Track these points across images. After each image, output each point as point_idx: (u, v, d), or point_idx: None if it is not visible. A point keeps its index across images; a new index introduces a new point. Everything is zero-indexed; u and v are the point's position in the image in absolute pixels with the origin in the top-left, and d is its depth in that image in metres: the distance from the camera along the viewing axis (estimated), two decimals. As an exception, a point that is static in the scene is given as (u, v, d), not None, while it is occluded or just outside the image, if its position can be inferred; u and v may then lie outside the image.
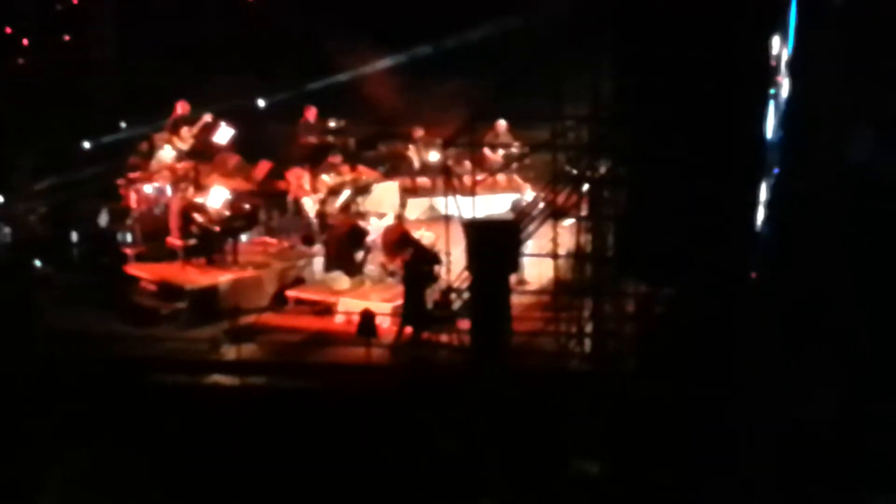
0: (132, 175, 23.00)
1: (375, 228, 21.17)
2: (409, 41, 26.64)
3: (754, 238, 15.93)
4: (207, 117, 23.76)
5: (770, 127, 15.93)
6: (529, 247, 18.13)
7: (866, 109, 18.45)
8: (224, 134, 23.88)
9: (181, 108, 23.84)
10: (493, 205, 21.64)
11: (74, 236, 22.89)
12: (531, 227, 17.31)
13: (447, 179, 18.54)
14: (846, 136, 18.35)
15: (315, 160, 23.80)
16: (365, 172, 23.84)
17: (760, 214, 16.01)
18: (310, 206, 22.73)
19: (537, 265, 19.02)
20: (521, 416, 15.91)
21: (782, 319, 15.83)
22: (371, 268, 20.95)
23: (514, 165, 23.57)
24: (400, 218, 21.39)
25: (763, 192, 16.05)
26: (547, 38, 21.56)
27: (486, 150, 24.07)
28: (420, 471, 16.44)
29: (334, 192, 22.85)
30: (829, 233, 16.71)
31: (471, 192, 18.03)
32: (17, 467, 16.77)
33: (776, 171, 16.57)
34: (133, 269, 21.35)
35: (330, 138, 24.95)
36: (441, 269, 18.65)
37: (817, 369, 15.99)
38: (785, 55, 16.36)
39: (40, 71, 26.95)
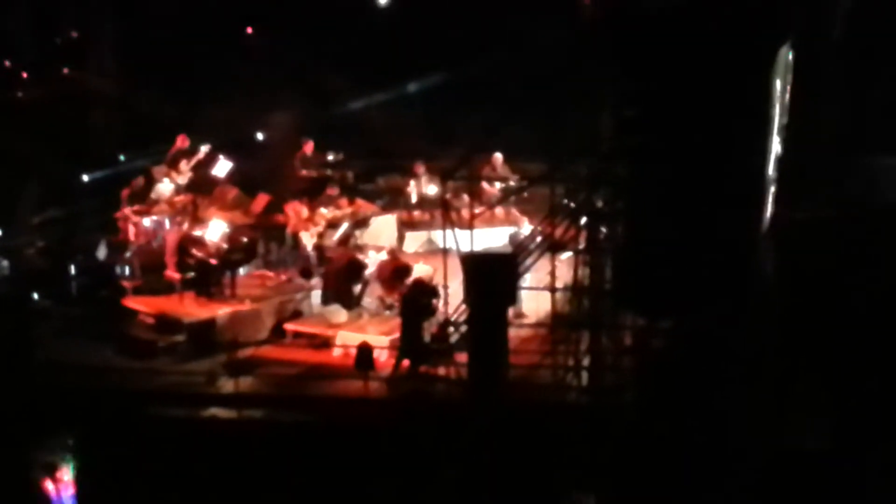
0: (128, 208, 23.02)
1: (373, 262, 21.17)
2: (407, 75, 26.79)
3: (753, 271, 15.92)
4: (205, 150, 23.82)
5: (769, 159, 15.95)
6: (527, 280, 18.16)
7: (865, 139, 18.58)
8: (222, 167, 23.96)
9: (181, 141, 23.90)
10: (491, 238, 21.69)
11: (73, 269, 22.87)
12: (529, 261, 17.31)
13: (445, 213, 18.55)
14: (845, 165, 18.45)
15: (313, 193, 23.85)
16: (363, 206, 23.90)
17: (760, 247, 16.03)
18: (308, 239, 22.74)
19: (535, 298, 19.00)
20: (519, 449, 15.90)
21: (779, 349, 15.84)
22: (369, 301, 20.96)
23: (512, 199, 23.60)
24: (393, 252, 21.42)
25: (762, 225, 16.07)
26: (545, 72, 21.67)
27: (484, 184, 24.12)
28: (418, 504, 16.48)
29: (332, 225, 22.90)
30: (827, 264, 16.77)
31: (469, 225, 18.04)
32: (13, 498, 16.77)
33: (775, 203, 16.59)
34: (131, 302, 21.36)
35: (328, 171, 25.00)
36: (439, 303, 18.65)
37: (812, 400, 16.04)
38: (784, 86, 16.41)
39: (40, 104, 26.94)
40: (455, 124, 25.34)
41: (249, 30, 28.34)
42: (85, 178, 25.74)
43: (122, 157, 26.51)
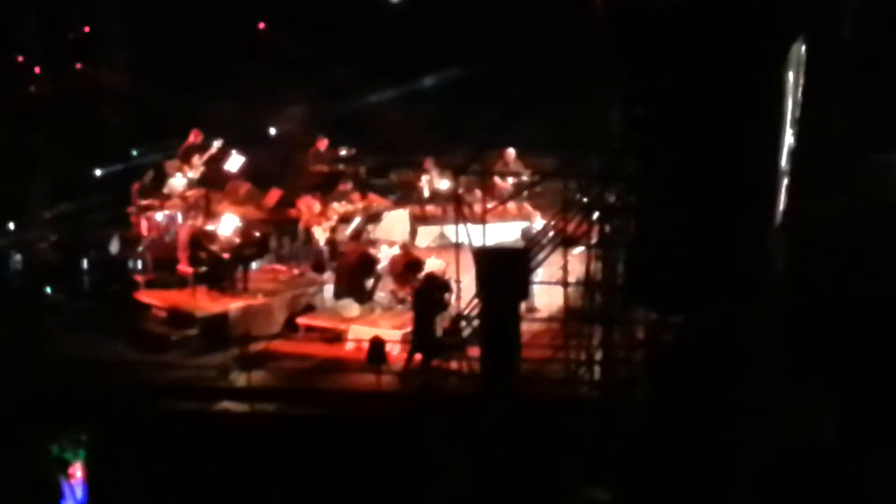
0: (141, 202, 23.07)
1: (386, 256, 21.19)
2: (420, 70, 26.82)
3: (764, 266, 15.91)
4: (218, 145, 23.85)
5: (781, 153, 15.94)
6: (539, 274, 18.12)
7: (877, 135, 18.55)
8: (235, 162, 23.98)
9: (194, 136, 23.94)
10: (504, 233, 21.67)
11: (85, 263, 22.93)
12: (541, 255, 17.30)
13: (458, 207, 18.56)
14: (856, 162, 18.42)
15: (326, 188, 23.86)
16: (375, 200, 23.91)
17: (771, 241, 16.02)
18: (320, 233, 22.74)
19: (547, 293, 19.05)
20: (531, 444, 15.91)
21: (788, 345, 15.84)
22: (381, 295, 20.99)
23: (525, 193, 23.61)
24: (406, 246, 21.43)
25: (774, 220, 16.06)
26: (556, 68, 21.64)
27: (497, 179, 24.11)
28: (429, 498, 16.45)
29: (345, 219, 22.91)
30: (838, 260, 16.76)
31: (481, 219, 18.05)
32: (26, 492, 16.82)
33: (786, 197, 16.58)
34: (144, 296, 21.41)
35: (341, 166, 25.00)
36: (451, 297, 18.66)
37: (821, 396, 16.04)
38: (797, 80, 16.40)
39: (52, 99, 26.99)
40: (467, 119, 25.32)
41: (262, 25, 28.36)
42: (97, 172, 25.78)
43: (134, 152, 26.52)
